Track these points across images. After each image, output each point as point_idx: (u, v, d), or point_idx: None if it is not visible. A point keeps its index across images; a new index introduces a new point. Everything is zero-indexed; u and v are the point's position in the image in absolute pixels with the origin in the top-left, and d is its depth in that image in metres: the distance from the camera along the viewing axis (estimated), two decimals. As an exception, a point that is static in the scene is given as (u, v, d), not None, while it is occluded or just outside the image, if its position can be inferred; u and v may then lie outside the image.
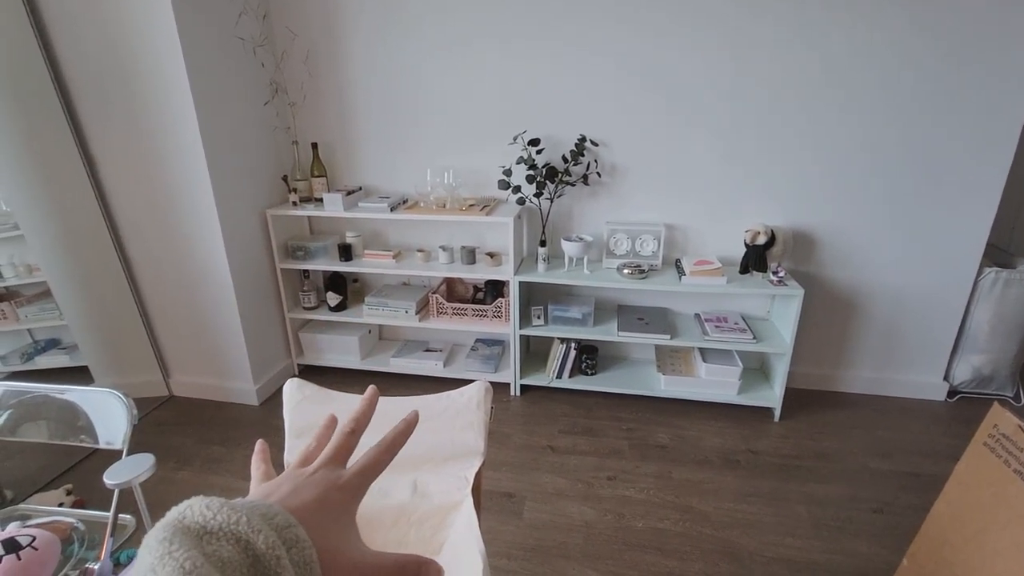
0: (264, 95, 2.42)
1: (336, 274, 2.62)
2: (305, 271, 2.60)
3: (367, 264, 2.52)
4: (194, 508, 0.29)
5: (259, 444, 0.43)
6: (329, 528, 0.33)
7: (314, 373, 2.74)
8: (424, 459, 1.06)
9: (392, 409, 1.06)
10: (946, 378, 2.45)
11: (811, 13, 2.04)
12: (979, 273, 2.26)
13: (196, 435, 2.27)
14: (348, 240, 2.55)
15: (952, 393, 2.45)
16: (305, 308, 2.65)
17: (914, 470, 2.02)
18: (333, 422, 0.43)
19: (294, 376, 2.72)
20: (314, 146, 2.51)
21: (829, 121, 2.17)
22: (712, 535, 1.73)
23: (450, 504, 1.03)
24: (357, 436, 0.40)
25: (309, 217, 2.73)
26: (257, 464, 0.41)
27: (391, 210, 2.38)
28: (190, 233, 2.23)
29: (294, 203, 2.47)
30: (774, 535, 1.72)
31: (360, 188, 2.56)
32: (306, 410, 1.07)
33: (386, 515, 1.03)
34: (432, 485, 1.05)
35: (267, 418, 2.40)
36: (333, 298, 2.60)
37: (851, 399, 2.48)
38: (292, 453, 1.04)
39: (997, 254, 2.41)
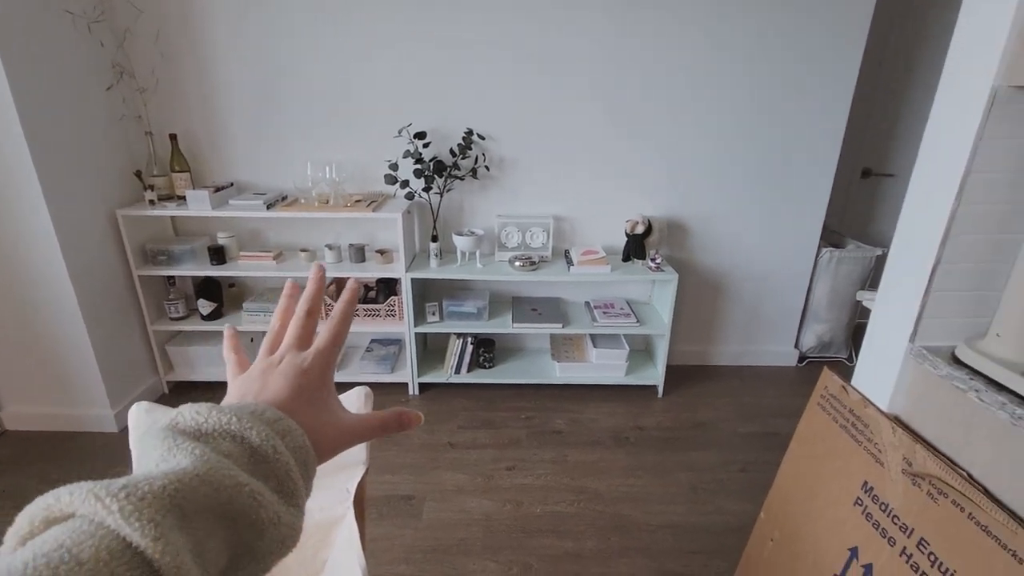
0: (106, 79, 2.12)
1: (208, 279, 2.38)
2: (170, 277, 2.34)
3: (244, 267, 2.32)
4: (184, 414, 0.30)
5: (227, 331, 0.43)
6: (307, 411, 0.36)
7: (189, 390, 2.48)
8: (300, 476, 0.99)
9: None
10: (796, 346, 2.79)
11: (671, 24, 2.20)
12: (818, 253, 2.60)
13: (38, 474, 1.96)
14: (220, 242, 2.33)
15: (802, 359, 2.81)
16: (172, 319, 2.38)
17: (773, 430, 2.28)
18: (295, 290, 0.44)
19: (164, 394, 2.47)
20: (172, 138, 2.24)
21: (692, 119, 2.35)
22: (604, 511, 1.82)
23: (332, 519, 0.98)
24: (315, 316, 0.41)
25: (172, 217, 2.45)
26: (228, 355, 0.42)
27: (268, 208, 2.21)
28: (15, 239, 1.90)
29: (151, 202, 2.20)
30: (659, 504, 1.86)
31: (231, 184, 2.34)
32: (157, 437, 0.95)
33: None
34: (311, 502, 0.98)
35: (128, 446, 2.12)
36: (206, 306, 2.36)
37: (722, 371, 2.75)
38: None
39: (831, 236, 2.79)
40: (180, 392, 2.48)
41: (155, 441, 0.29)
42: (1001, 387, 0.84)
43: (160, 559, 0.23)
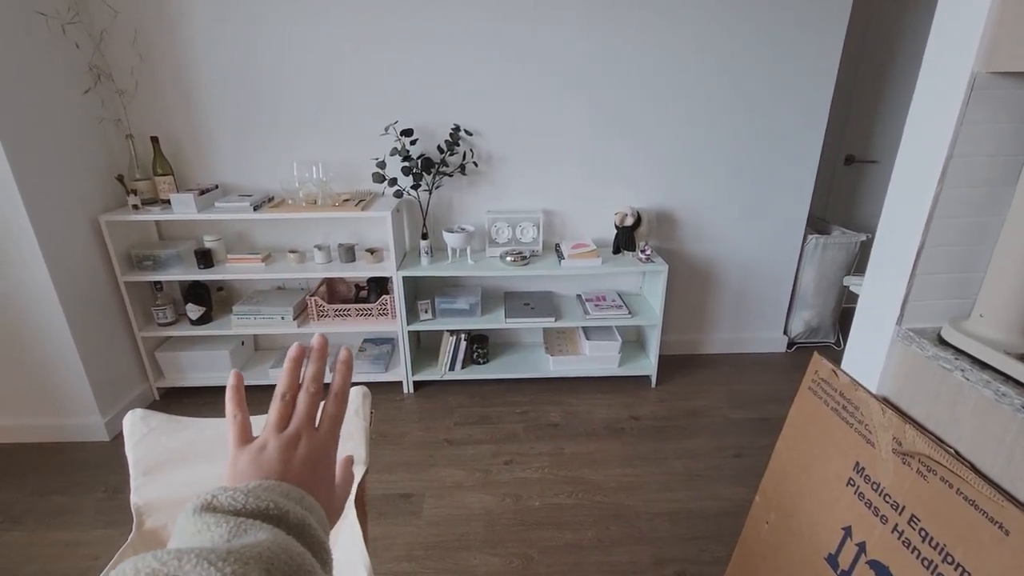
0: (84, 82, 2.07)
1: (196, 283, 2.35)
2: (157, 283, 2.31)
3: (232, 270, 2.30)
4: (220, 498, 0.32)
5: (233, 380, 0.43)
6: (321, 489, 0.40)
7: (180, 395, 2.46)
8: (301, 477, 0.99)
9: (259, 429, 0.98)
10: (785, 332, 2.84)
11: (653, 20, 2.20)
12: (804, 240, 2.63)
13: (27, 486, 1.93)
14: (207, 245, 2.30)
15: (790, 344, 2.85)
16: (161, 324, 2.35)
17: (764, 415, 2.32)
18: (300, 354, 0.45)
19: (155, 401, 2.44)
20: (154, 140, 2.21)
21: (677, 112, 2.37)
22: (602, 502, 1.84)
23: (333, 520, 0.98)
24: (320, 394, 0.43)
25: (157, 222, 2.42)
26: (233, 413, 0.42)
27: (254, 209, 2.18)
28: (-5, 248, 1.86)
29: (135, 206, 2.17)
30: (656, 492, 1.89)
31: (216, 186, 2.31)
32: (154, 443, 0.95)
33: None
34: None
35: (121, 454, 2.09)
36: (194, 310, 2.33)
37: (713, 359, 2.78)
38: (140, 493, 0.92)
39: (817, 223, 2.83)
40: (171, 398, 2.46)
41: (208, 520, 0.31)
42: (985, 365, 0.86)
43: None
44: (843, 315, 2.80)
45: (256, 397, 0.74)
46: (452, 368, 2.49)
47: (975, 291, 0.95)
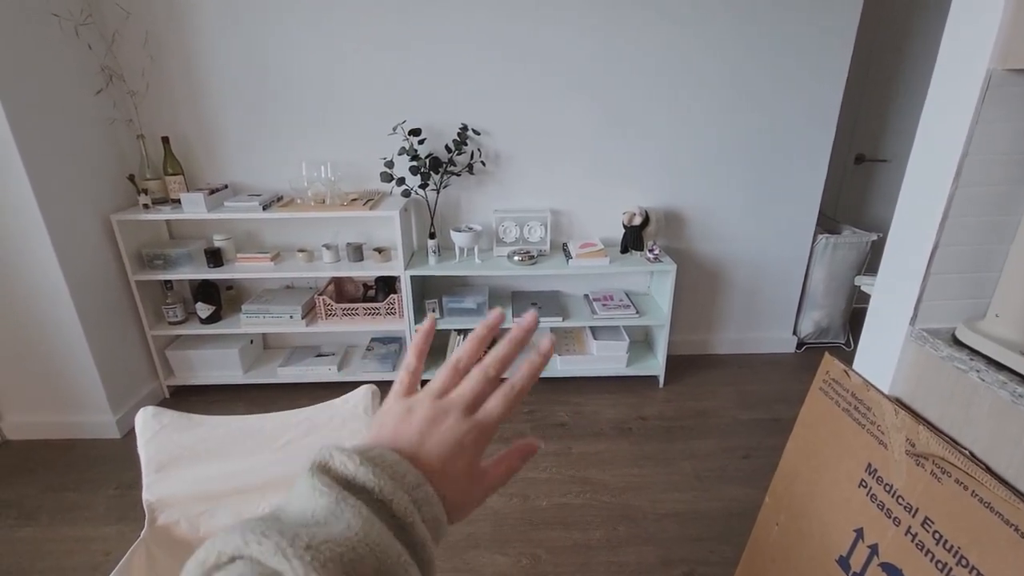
0: (96, 83, 2.10)
1: (206, 282, 2.37)
2: (167, 281, 2.32)
3: (241, 269, 2.31)
4: (336, 458, 0.30)
5: (428, 324, 0.41)
6: (459, 479, 0.34)
7: (189, 394, 2.48)
8: (311, 475, 1.00)
9: (269, 427, 0.98)
10: (795, 332, 2.82)
11: (659, 20, 2.19)
12: (814, 239, 2.61)
13: (41, 483, 1.95)
14: (216, 244, 2.32)
15: (800, 345, 2.83)
16: (171, 323, 2.37)
17: (774, 416, 2.30)
18: (497, 323, 0.40)
19: (165, 399, 2.46)
20: (165, 140, 2.23)
21: (686, 110, 2.36)
22: (610, 502, 1.84)
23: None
24: (497, 382, 0.37)
25: (167, 221, 2.44)
26: (412, 359, 0.40)
27: (264, 209, 2.20)
28: (10, 248, 1.88)
29: (145, 206, 2.19)
30: (663, 492, 1.88)
31: (226, 186, 2.33)
32: (166, 441, 0.96)
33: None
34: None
35: (132, 451, 2.11)
36: (204, 309, 2.35)
37: (721, 359, 2.77)
38: (152, 490, 0.93)
39: (827, 222, 2.81)
40: (180, 396, 2.48)
41: (318, 484, 0.29)
42: (1001, 366, 0.85)
43: None
44: (853, 315, 2.77)
45: (263, 396, 0.74)
46: (459, 367, 2.48)
47: (990, 291, 0.94)
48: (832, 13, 2.22)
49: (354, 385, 1.06)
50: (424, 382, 0.35)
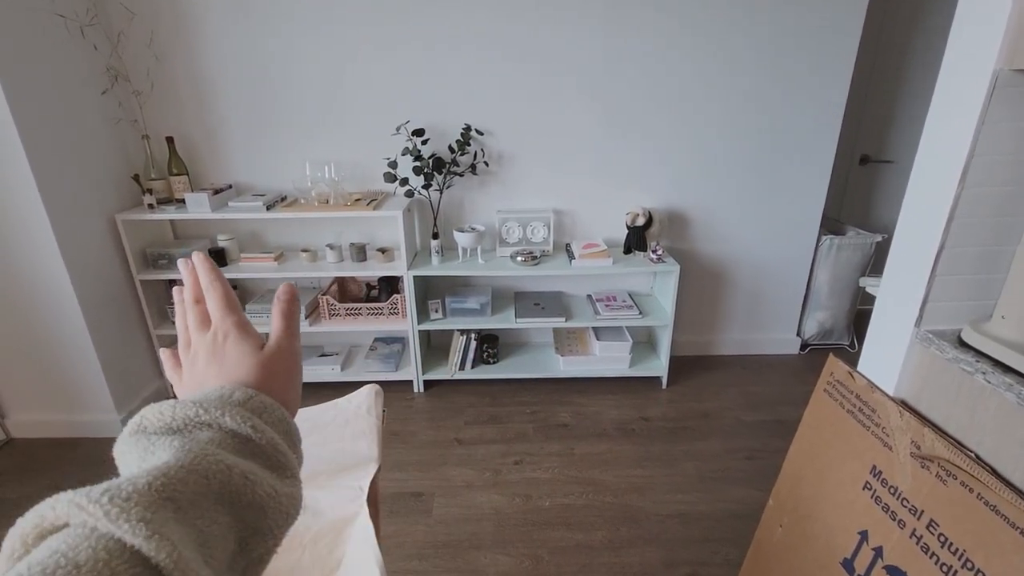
0: (101, 83, 2.11)
1: (209, 282, 2.38)
2: (172, 281, 2.33)
3: (245, 269, 2.32)
4: (147, 416, 0.30)
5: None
6: (271, 379, 0.37)
7: (193, 393, 2.48)
8: (313, 475, 1.00)
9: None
10: (798, 334, 2.81)
11: (662, 20, 2.19)
12: (818, 240, 2.60)
13: (45, 482, 1.96)
14: (220, 244, 2.33)
15: (803, 346, 2.82)
16: (175, 322, 2.37)
17: (777, 417, 2.29)
18: (179, 295, 0.43)
19: (169, 398, 2.46)
20: (170, 140, 2.24)
21: (690, 111, 2.35)
22: (613, 502, 1.84)
23: (345, 518, 0.99)
24: (203, 303, 0.41)
25: (172, 221, 2.45)
26: (164, 352, 0.42)
27: (267, 209, 2.20)
28: (16, 246, 1.89)
29: (150, 206, 2.20)
30: (667, 493, 1.88)
31: (230, 186, 2.34)
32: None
33: (276, 540, 0.96)
34: (323, 501, 0.99)
35: (138, 449, 2.13)
36: (208, 309, 2.36)
37: (725, 360, 2.76)
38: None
39: (831, 223, 2.79)
40: (185, 395, 2.48)
41: (127, 446, 0.29)
42: (1007, 368, 0.85)
43: (156, 555, 0.22)
44: (857, 317, 2.76)
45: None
46: (462, 368, 2.49)
47: (996, 292, 0.93)
48: (837, 12, 2.21)
49: (357, 385, 1.06)
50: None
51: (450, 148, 2.28)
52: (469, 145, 2.30)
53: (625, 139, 2.39)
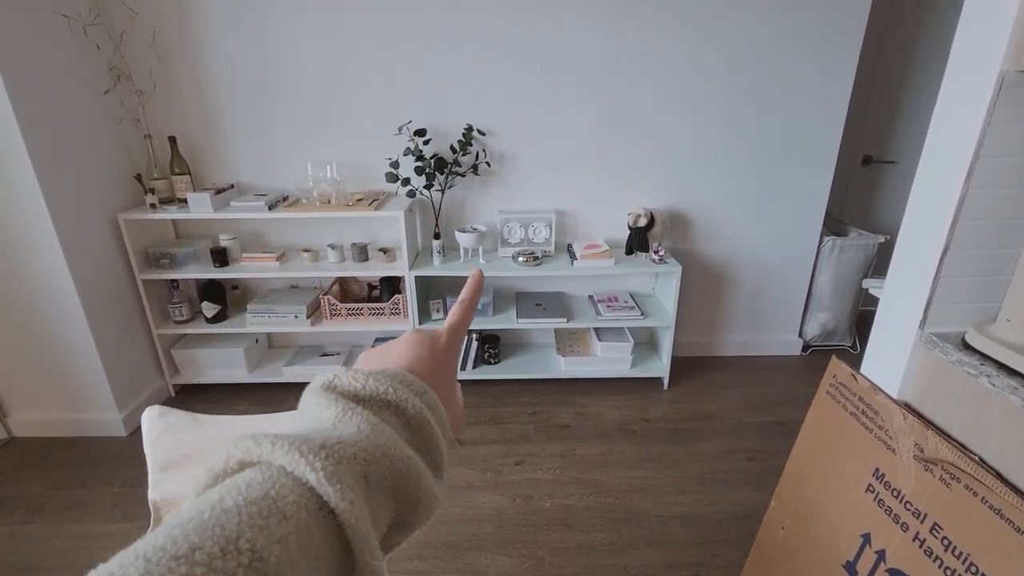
0: (103, 82, 2.11)
1: (211, 282, 2.38)
2: (173, 281, 2.33)
3: (247, 268, 2.32)
4: (341, 378, 0.30)
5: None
6: (442, 384, 0.37)
7: (195, 392, 2.49)
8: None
9: (274, 426, 0.98)
10: (800, 335, 2.80)
11: (663, 19, 2.19)
12: (820, 241, 2.60)
13: (46, 480, 1.96)
14: (222, 244, 2.33)
15: (805, 347, 2.81)
16: (177, 322, 2.38)
17: (779, 419, 2.29)
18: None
19: (170, 397, 2.47)
20: (172, 140, 2.24)
21: (692, 111, 2.35)
22: (614, 504, 1.83)
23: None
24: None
25: (174, 221, 2.45)
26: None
27: (269, 208, 2.20)
28: (18, 245, 1.90)
29: (152, 205, 2.20)
30: (668, 495, 1.87)
31: (232, 186, 2.34)
32: (172, 440, 0.96)
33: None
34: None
35: (138, 449, 2.12)
36: (209, 308, 2.36)
37: (726, 361, 2.75)
38: (157, 489, 0.93)
39: (833, 224, 2.79)
40: (186, 395, 2.49)
41: (322, 399, 0.29)
42: (1012, 371, 0.84)
43: (355, 524, 0.23)
44: (860, 318, 2.75)
45: (267, 395, 0.74)
46: (463, 368, 2.49)
47: (1001, 295, 0.93)
48: (840, 11, 2.20)
49: (359, 386, 1.06)
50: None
51: (452, 148, 2.28)
52: (471, 145, 2.30)
53: (626, 139, 2.39)
